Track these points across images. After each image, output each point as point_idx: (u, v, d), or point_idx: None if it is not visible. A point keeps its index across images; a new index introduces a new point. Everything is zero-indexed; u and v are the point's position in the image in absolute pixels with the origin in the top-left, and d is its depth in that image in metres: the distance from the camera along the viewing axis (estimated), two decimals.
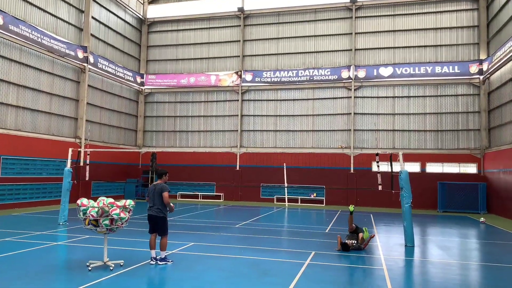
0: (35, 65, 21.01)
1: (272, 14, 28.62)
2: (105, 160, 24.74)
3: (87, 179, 15.63)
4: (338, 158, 26.32)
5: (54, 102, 22.35)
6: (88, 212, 7.90)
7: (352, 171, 26.14)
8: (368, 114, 26.55)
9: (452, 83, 25.33)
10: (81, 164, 23.17)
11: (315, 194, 26.22)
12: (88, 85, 24.66)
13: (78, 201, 8.12)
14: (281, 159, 26.05)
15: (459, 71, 25.06)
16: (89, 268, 7.84)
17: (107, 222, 7.94)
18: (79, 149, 15.48)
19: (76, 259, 8.91)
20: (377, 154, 13.15)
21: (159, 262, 8.46)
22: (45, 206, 20.56)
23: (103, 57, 26.17)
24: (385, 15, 26.68)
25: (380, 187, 12.85)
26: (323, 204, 25.84)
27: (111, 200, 8.19)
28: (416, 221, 18.29)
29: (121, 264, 8.27)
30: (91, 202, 8.18)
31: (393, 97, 26.25)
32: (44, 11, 21.63)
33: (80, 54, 23.90)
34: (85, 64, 24.23)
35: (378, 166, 13.07)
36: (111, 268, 7.90)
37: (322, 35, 27.64)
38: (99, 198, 8.28)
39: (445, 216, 21.33)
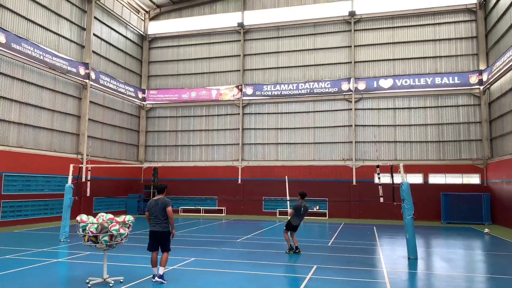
0: (37, 82, 21.19)
1: (271, 29, 28.88)
2: (107, 175, 24.76)
3: (88, 195, 15.58)
4: (340, 171, 26.27)
5: (56, 119, 22.48)
6: (87, 228, 7.87)
7: (354, 183, 26.03)
8: (369, 126, 26.55)
9: (453, 93, 25.36)
10: (83, 180, 23.23)
11: (317, 207, 26.06)
12: (90, 101, 24.81)
13: (78, 218, 8.10)
14: (283, 172, 25.98)
15: (459, 81, 25.11)
16: (89, 285, 7.78)
17: (106, 238, 7.91)
18: (80, 165, 15.48)
19: (76, 276, 8.84)
20: (377, 166, 13.10)
21: (156, 278, 8.22)
22: (47, 222, 20.49)
23: (105, 73, 26.39)
24: (384, 28, 26.89)
25: (381, 199, 12.76)
26: (326, 217, 25.67)
27: (110, 216, 8.16)
28: (419, 232, 18.12)
29: (121, 280, 8.20)
30: (91, 218, 8.16)
31: (394, 108, 26.28)
32: (46, 29, 21.91)
33: (82, 71, 24.12)
34: (87, 81, 24.43)
35: (379, 178, 12.99)
36: (111, 285, 7.83)
37: (322, 48, 27.83)
38: (99, 214, 8.26)
39: (449, 227, 21.13)
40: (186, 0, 30.28)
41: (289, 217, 12.26)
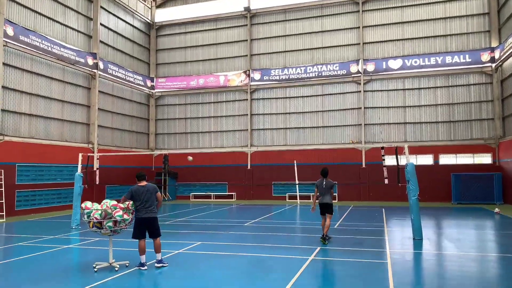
0: (46, 74, 21.47)
1: (278, 12, 28.59)
2: (118, 164, 25.11)
3: (97, 183, 15.88)
4: (350, 154, 26.19)
5: (66, 109, 22.82)
6: (92, 214, 8.07)
7: (364, 166, 25.93)
8: (379, 107, 26.29)
9: (464, 72, 24.87)
10: (95, 168, 23.64)
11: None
12: (99, 91, 25.08)
13: (83, 205, 8.31)
14: (292, 156, 26.01)
15: (470, 60, 24.59)
16: (95, 270, 8.01)
17: (110, 224, 8.10)
18: (88, 154, 15.74)
19: (84, 261, 9.11)
20: (382, 148, 13.04)
21: (156, 264, 8.26)
22: (60, 211, 20.99)
23: (113, 62, 26.58)
24: (393, 7, 26.37)
25: (386, 181, 12.74)
26: (336, 200, 25.67)
27: (114, 202, 8.35)
28: (428, 213, 18.11)
29: (127, 264, 8.41)
30: (95, 205, 8.36)
31: (403, 89, 25.93)
32: (53, 20, 22.08)
33: (90, 61, 24.32)
34: (95, 71, 24.65)
35: (383, 160, 12.93)
36: (116, 269, 8.05)
37: (330, 30, 27.48)
38: (103, 201, 8.46)
39: (459, 208, 20.97)
40: None
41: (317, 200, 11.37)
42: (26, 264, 8.99)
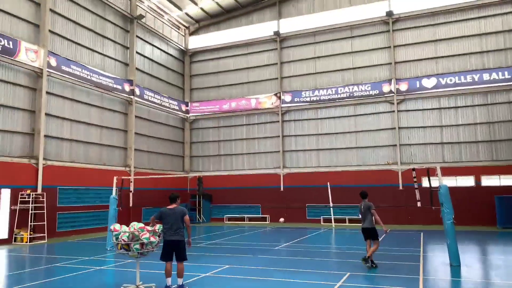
0: (86, 101, 22.55)
1: (308, 35, 28.82)
2: (154, 186, 25.62)
3: (131, 205, 16.30)
4: (385, 175, 25.51)
5: (104, 134, 23.76)
6: (120, 237, 8.29)
7: (401, 187, 25.16)
8: (414, 127, 25.62)
9: (503, 89, 23.90)
10: (132, 191, 24.33)
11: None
12: (136, 116, 26.00)
13: (112, 227, 8.56)
14: (325, 178, 25.65)
15: (510, 76, 23.64)
16: None
17: (137, 246, 8.28)
18: (122, 177, 16.26)
19: (114, 283, 9.30)
20: (413, 169, 12.66)
21: None
22: (98, 232, 21.57)
23: (149, 88, 27.58)
24: (425, 25, 25.95)
25: (419, 204, 12.31)
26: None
27: (141, 225, 8.54)
28: (470, 238, 17.27)
29: (153, 287, 8.52)
30: (124, 227, 8.58)
31: (439, 108, 25.19)
32: (92, 50, 23.31)
33: (127, 88, 25.37)
34: (132, 97, 25.64)
35: (415, 182, 12.53)
36: None
37: (360, 51, 27.33)
38: (131, 223, 8.67)
39: (505, 232, 19.80)
40: (223, 14, 31.00)
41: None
42: (58, 285, 9.29)
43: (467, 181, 23.91)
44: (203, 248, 15.15)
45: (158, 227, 8.67)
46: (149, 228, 8.55)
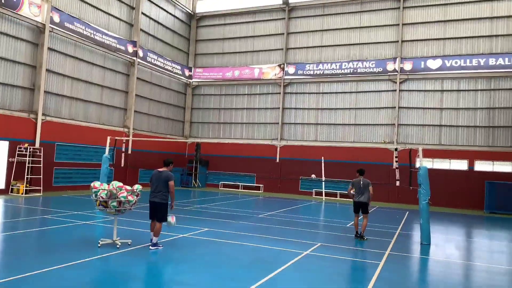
0: (88, 59, 22.69)
1: (317, 6, 28.34)
2: (153, 149, 26.09)
3: (122, 165, 16.75)
4: (381, 153, 25.65)
5: (104, 94, 24.03)
6: (98, 194, 8.67)
7: (394, 167, 25.30)
8: (414, 108, 25.54)
9: (508, 76, 23.58)
10: (124, 151, 24.80)
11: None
12: (137, 78, 26.15)
13: (92, 184, 8.93)
14: (322, 152, 25.89)
15: None
16: (99, 245, 8.63)
17: (115, 203, 8.67)
18: (116, 137, 16.61)
19: (93, 237, 9.78)
20: (395, 149, 12.84)
21: (150, 247, 8.72)
22: None
23: (152, 51, 27.57)
24: (436, 4, 25.37)
25: (397, 183, 12.56)
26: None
27: (120, 184, 8.90)
28: (452, 220, 17.63)
29: (129, 243, 8.98)
30: (104, 185, 8.96)
31: (441, 90, 25.01)
32: (97, 8, 23.23)
33: (130, 49, 25.39)
34: (135, 58, 25.70)
35: (396, 162, 12.73)
36: (118, 246, 8.63)
37: (368, 27, 26.93)
38: (112, 182, 9.04)
39: (490, 217, 20.11)
40: None
41: (351, 198, 11.65)
42: (41, 234, 9.82)
43: (461, 165, 24.04)
44: (190, 211, 15.65)
45: (136, 187, 9.05)
46: (128, 187, 8.92)
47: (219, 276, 7.04)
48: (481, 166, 23.75)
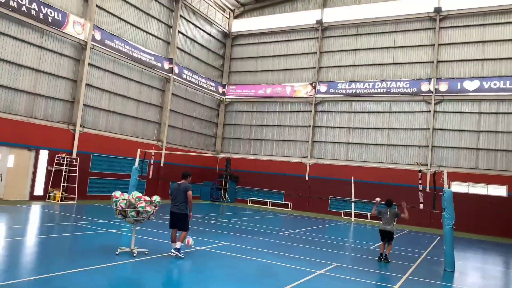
0: (126, 75, 23.75)
1: (350, 26, 28.38)
2: (185, 162, 26.64)
3: (150, 177, 17.28)
4: (413, 175, 24.83)
5: (140, 108, 24.98)
6: (118, 203, 9.04)
7: (428, 190, 24.53)
8: (449, 130, 24.79)
9: None
10: (161, 164, 25.53)
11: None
12: (172, 94, 27.03)
13: (113, 193, 9.32)
14: (352, 172, 25.55)
15: None
16: (117, 253, 8.95)
17: (133, 213, 9.00)
18: (145, 150, 17.20)
19: (115, 245, 10.12)
20: (420, 171, 12.54)
21: (172, 251, 9.22)
22: None
23: (188, 68, 28.47)
24: (473, 25, 24.77)
25: (421, 206, 12.21)
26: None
27: (139, 194, 9.25)
28: (486, 248, 16.79)
29: (146, 252, 9.25)
30: (125, 194, 9.33)
31: (478, 113, 24.17)
32: (137, 27, 24.39)
33: (166, 65, 26.37)
34: (170, 75, 26.64)
35: (420, 184, 12.41)
36: (134, 254, 8.92)
37: (402, 47, 26.62)
38: (132, 192, 9.41)
39: None
40: None
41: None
42: (68, 240, 10.30)
43: (499, 191, 22.96)
44: (213, 225, 15.85)
45: (154, 198, 9.38)
46: (146, 198, 9.25)
47: None
48: None
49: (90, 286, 6.61)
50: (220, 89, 31.96)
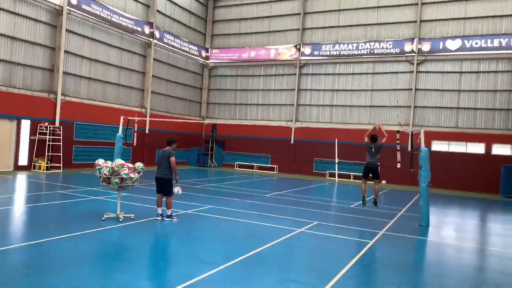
0: (105, 41, 23.24)
1: None
2: (170, 129, 26.55)
3: (134, 145, 17.37)
4: (396, 135, 25.40)
5: (122, 75, 24.63)
6: (101, 171, 9.18)
7: (409, 149, 25.08)
8: (431, 90, 25.08)
9: None
10: (147, 132, 25.52)
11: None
12: (154, 59, 26.61)
13: (96, 161, 9.45)
14: (337, 134, 25.89)
15: None
16: (103, 219, 9.19)
17: (117, 180, 9.17)
18: (129, 117, 17.14)
19: (100, 211, 10.34)
20: (397, 132, 12.86)
21: (165, 219, 9.58)
22: None
23: (169, 32, 27.88)
24: None
25: (398, 165, 12.64)
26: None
27: (122, 161, 9.40)
28: (463, 203, 17.52)
29: (132, 217, 9.51)
30: (108, 162, 9.46)
31: (460, 72, 24.42)
32: None
33: (147, 30, 25.79)
34: (151, 39, 26.12)
35: (398, 144, 12.77)
36: (120, 219, 9.17)
37: (386, 6, 26.33)
38: (115, 160, 9.54)
39: (504, 201, 19.82)
40: None
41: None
42: (54, 207, 10.50)
43: (478, 148, 23.64)
44: (200, 190, 16.16)
45: (137, 164, 9.53)
46: (130, 165, 9.40)
47: (207, 249, 7.45)
48: (498, 149, 23.27)
49: (78, 250, 6.86)
50: (204, 53, 31.51)
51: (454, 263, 7.83)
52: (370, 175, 11.98)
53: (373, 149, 11.88)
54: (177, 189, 9.73)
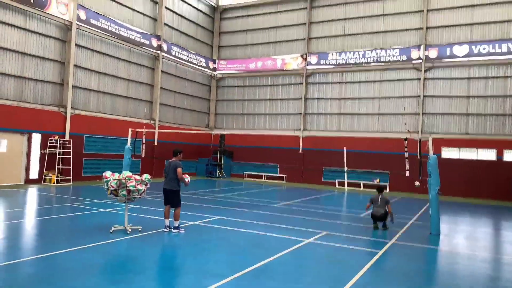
0: (114, 54, 23.55)
1: None
2: (179, 140, 26.73)
3: (143, 156, 17.47)
4: (403, 144, 25.20)
5: (131, 87, 24.89)
6: (109, 183, 9.23)
7: (418, 157, 24.86)
8: (439, 96, 24.92)
9: None
10: (155, 143, 25.67)
11: (378, 180, 25.53)
12: (162, 71, 26.87)
13: (104, 174, 9.51)
14: (345, 142, 25.79)
15: None
16: (111, 231, 9.22)
17: (124, 192, 9.21)
18: (137, 129, 17.27)
19: (108, 223, 10.39)
20: (405, 139, 12.76)
21: (172, 230, 9.58)
22: None
23: (177, 44, 28.18)
24: None
25: (407, 173, 12.50)
26: (387, 190, 25.11)
27: (129, 173, 9.44)
28: (474, 211, 17.26)
29: (139, 229, 9.53)
30: (116, 174, 9.52)
31: (468, 78, 24.25)
32: (122, 4, 23.97)
33: (155, 43, 26.10)
34: (159, 52, 26.40)
35: (406, 151, 12.67)
36: (128, 231, 9.20)
37: (391, 14, 26.38)
38: (123, 172, 9.59)
39: None
40: None
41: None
42: (64, 220, 10.57)
43: (489, 154, 23.34)
44: (207, 200, 16.16)
45: (145, 176, 9.58)
46: (137, 177, 9.45)
47: (215, 260, 7.42)
48: (510, 155, 22.93)
49: (87, 263, 6.87)
50: (211, 65, 31.75)
51: (466, 272, 7.68)
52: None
53: (379, 201, 11.46)
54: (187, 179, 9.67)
